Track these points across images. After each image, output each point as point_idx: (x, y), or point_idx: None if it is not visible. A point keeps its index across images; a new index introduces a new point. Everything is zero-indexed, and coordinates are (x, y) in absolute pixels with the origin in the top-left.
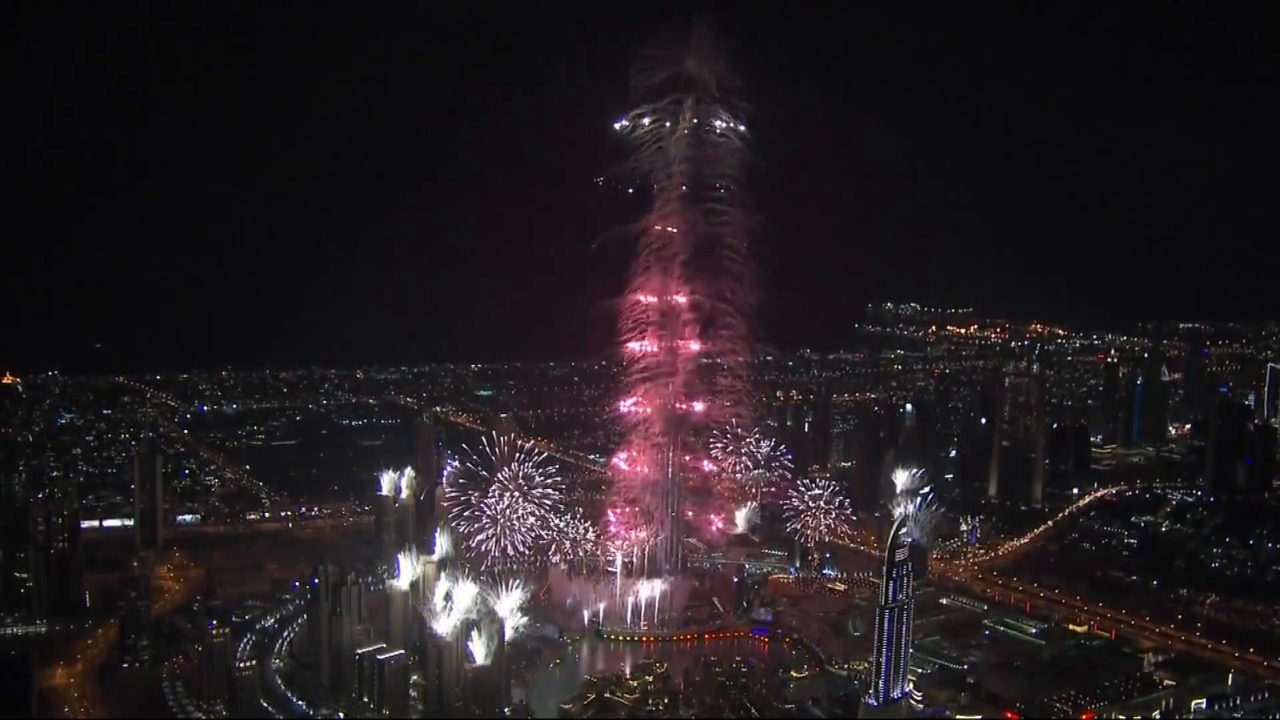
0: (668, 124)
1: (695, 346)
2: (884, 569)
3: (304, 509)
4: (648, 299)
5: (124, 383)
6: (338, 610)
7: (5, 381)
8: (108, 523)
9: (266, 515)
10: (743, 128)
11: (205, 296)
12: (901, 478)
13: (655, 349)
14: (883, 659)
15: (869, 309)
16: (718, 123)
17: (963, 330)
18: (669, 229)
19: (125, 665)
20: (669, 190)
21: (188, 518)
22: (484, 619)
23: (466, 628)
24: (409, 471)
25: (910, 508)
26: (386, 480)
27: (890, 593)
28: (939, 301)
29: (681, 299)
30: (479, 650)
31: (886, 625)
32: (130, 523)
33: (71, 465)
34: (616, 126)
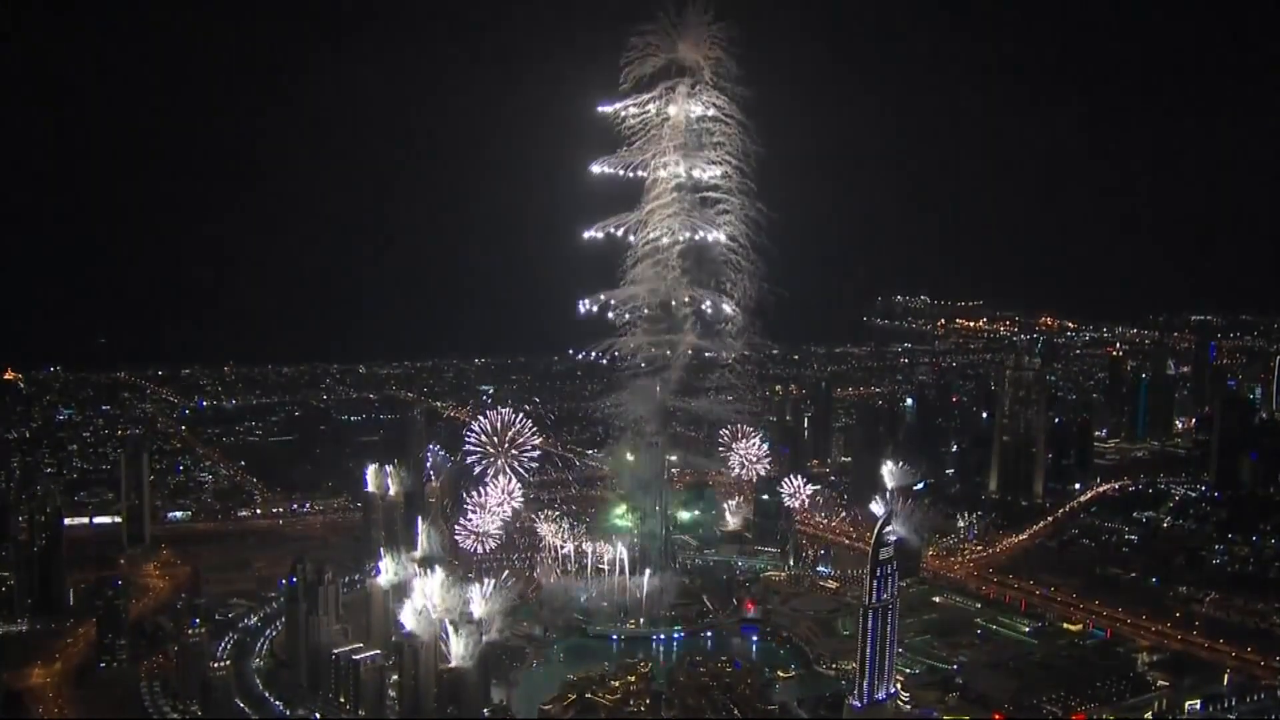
0: (661, 111)
1: (691, 340)
2: (868, 567)
3: (296, 505)
4: (641, 292)
5: (125, 378)
6: (314, 610)
7: (7, 378)
8: (97, 520)
9: (258, 512)
10: (740, 114)
11: (207, 292)
12: (892, 473)
13: (649, 343)
14: (867, 659)
15: (879, 302)
16: (713, 109)
17: (972, 323)
18: (664, 218)
19: (103, 665)
20: (664, 181)
21: (178, 514)
22: (462, 618)
23: (444, 627)
24: (397, 467)
25: (896, 504)
26: (374, 476)
27: (875, 592)
28: (950, 294)
29: (676, 291)
30: (457, 650)
31: (871, 625)
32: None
33: (66, 462)
34: (608, 112)
